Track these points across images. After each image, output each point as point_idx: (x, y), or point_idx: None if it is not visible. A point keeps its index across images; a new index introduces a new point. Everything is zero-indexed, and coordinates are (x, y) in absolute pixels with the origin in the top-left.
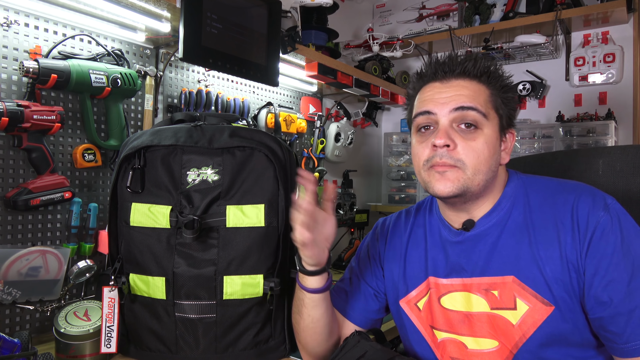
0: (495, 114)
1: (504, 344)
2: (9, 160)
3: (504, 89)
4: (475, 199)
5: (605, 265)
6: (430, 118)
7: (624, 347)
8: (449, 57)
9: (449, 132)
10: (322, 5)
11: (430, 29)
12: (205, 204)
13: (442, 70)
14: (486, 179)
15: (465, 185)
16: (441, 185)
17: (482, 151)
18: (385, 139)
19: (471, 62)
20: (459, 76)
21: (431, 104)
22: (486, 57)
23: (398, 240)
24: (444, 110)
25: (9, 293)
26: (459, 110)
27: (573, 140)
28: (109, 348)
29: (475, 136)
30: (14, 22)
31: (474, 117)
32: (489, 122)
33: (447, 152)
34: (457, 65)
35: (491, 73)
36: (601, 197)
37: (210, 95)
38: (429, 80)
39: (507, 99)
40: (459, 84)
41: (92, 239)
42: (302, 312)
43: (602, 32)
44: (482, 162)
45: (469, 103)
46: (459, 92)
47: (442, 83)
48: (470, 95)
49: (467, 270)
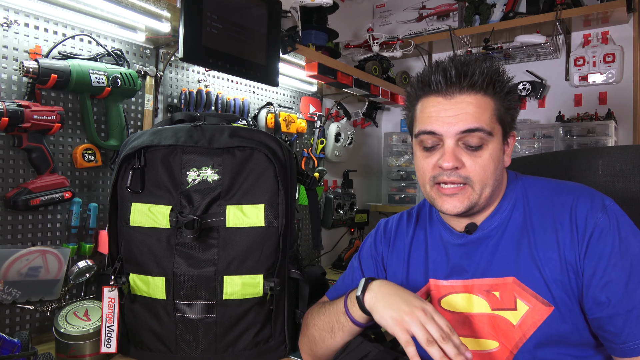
0: (499, 127)
1: (504, 345)
2: (9, 160)
3: (510, 95)
4: (480, 210)
5: (603, 266)
6: (435, 137)
7: (622, 347)
8: (454, 67)
9: (455, 153)
10: (322, 5)
11: (430, 29)
12: (205, 204)
13: (445, 83)
14: (492, 190)
15: (474, 202)
16: (449, 205)
17: (489, 166)
18: (385, 139)
19: (476, 74)
20: (464, 91)
21: (436, 124)
22: (488, 63)
23: (401, 244)
24: (450, 131)
25: (9, 293)
26: (466, 133)
27: (573, 140)
28: (109, 348)
29: (482, 153)
30: (14, 22)
31: (480, 137)
32: (494, 136)
33: (454, 172)
34: (462, 79)
35: (496, 82)
36: (599, 199)
37: (210, 95)
38: (432, 92)
39: (510, 104)
40: (464, 100)
41: (92, 239)
42: (337, 335)
43: (602, 32)
44: (488, 176)
45: (475, 124)
46: (464, 110)
47: (445, 99)
48: (475, 115)
49: (469, 272)
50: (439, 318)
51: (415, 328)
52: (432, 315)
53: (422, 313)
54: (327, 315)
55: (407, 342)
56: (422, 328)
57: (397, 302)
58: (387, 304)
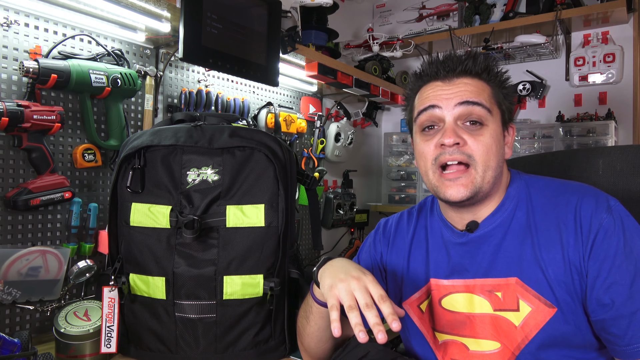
0: (498, 109)
1: (506, 346)
2: (9, 160)
3: (503, 85)
4: (484, 198)
5: (608, 267)
6: (434, 115)
7: (625, 349)
8: (449, 56)
9: (456, 130)
10: (322, 5)
11: (430, 29)
12: (205, 204)
13: (443, 69)
14: (495, 175)
15: (477, 186)
16: (453, 190)
17: (491, 146)
18: (385, 139)
19: (471, 60)
20: (461, 75)
21: (435, 99)
22: (484, 55)
23: (401, 242)
24: (449, 104)
25: (9, 293)
26: (465, 105)
27: (573, 140)
28: (109, 348)
29: (482, 132)
30: (14, 22)
31: (480, 112)
32: (493, 117)
33: (458, 148)
34: (458, 63)
35: (490, 69)
36: (604, 199)
37: (210, 95)
38: (430, 79)
39: (507, 93)
40: (461, 81)
41: (92, 239)
42: (310, 320)
43: (602, 32)
44: (491, 157)
45: (475, 98)
46: (463, 88)
47: (444, 82)
48: (474, 91)
49: (470, 271)
50: (373, 288)
51: (343, 294)
52: (365, 284)
53: (356, 282)
54: (303, 304)
55: (331, 306)
56: (350, 295)
57: (338, 272)
58: (329, 274)
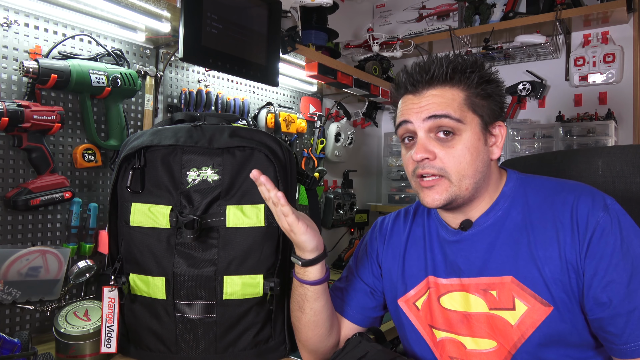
0: (473, 115)
1: (503, 345)
2: (9, 160)
3: (482, 83)
4: (469, 201)
5: (605, 266)
6: (408, 129)
7: (623, 347)
8: (416, 66)
9: (426, 145)
10: (322, 5)
11: (430, 29)
12: (205, 204)
13: (410, 83)
14: (475, 182)
15: (453, 194)
16: (429, 198)
17: (463, 156)
18: (385, 139)
19: (436, 66)
20: (429, 85)
21: (407, 114)
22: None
23: (397, 240)
24: (418, 118)
25: (9, 293)
26: (432, 119)
27: (573, 140)
28: (109, 348)
29: (454, 143)
30: (14, 22)
31: (449, 124)
32: (467, 125)
33: (428, 163)
34: (423, 73)
35: (461, 73)
36: (601, 198)
37: (210, 95)
38: (404, 92)
39: (486, 94)
40: (430, 93)
41: (92, 239)
42: (304, 307)
43: (602, 32)
44: (464, 167)
45: (441, 111)
46: (431, 101)
47: (414, 95)
48: (442, 103)
49: (464, 270)
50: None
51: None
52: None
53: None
54: (292, 299)
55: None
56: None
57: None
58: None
